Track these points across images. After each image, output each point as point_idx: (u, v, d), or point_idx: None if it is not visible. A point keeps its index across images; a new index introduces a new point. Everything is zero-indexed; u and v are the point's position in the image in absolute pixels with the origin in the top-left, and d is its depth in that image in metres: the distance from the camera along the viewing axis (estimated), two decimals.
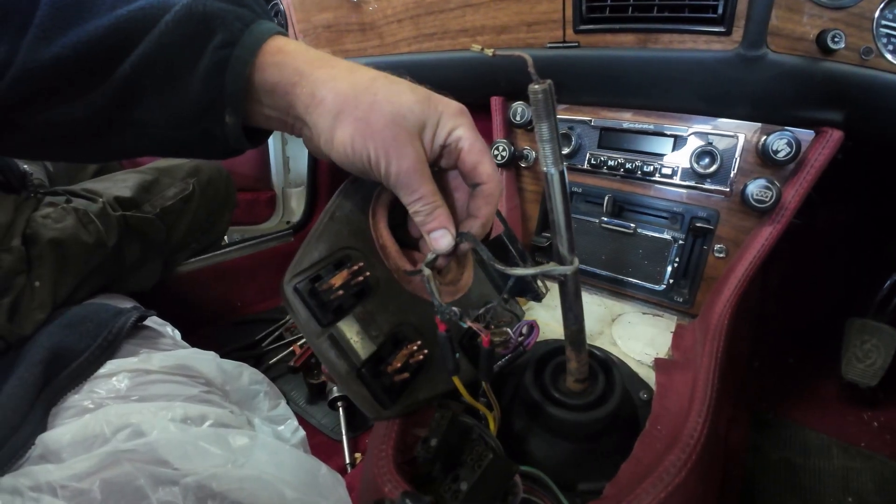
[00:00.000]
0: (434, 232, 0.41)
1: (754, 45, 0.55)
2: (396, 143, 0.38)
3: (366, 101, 0.37)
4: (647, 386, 0.58)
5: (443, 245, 0.41)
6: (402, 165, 0.38)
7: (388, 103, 0.37)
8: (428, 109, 0.39)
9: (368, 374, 0.43)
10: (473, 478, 0.38)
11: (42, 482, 0.49)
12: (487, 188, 0.41)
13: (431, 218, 0.41)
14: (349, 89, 0.37)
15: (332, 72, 0.38)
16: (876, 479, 0.85)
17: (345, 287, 0.43)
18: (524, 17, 0.71)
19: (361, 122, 0.37)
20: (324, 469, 0.55)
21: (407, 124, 0.38)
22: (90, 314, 0.67)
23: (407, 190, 0.39)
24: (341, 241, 0.46)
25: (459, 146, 0.40)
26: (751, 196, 0.62)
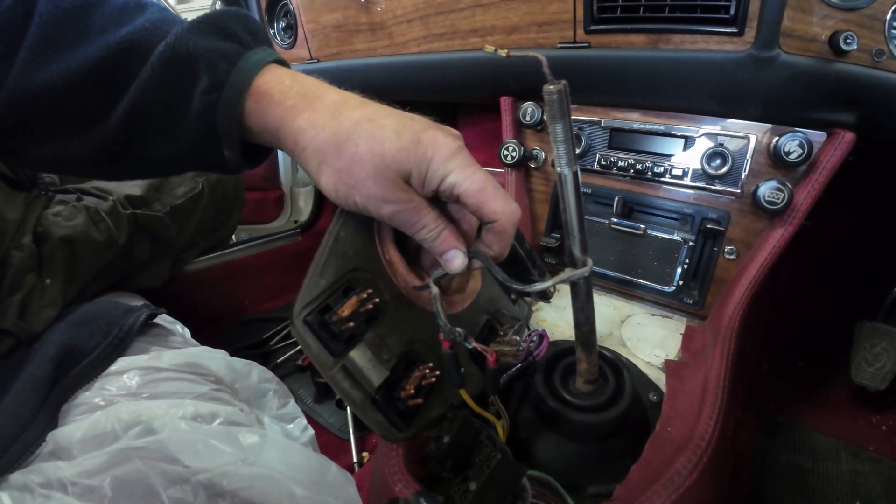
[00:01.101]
0: (445, 254, 0.41)
1: (767, 46, 0.55)
2: (383, 192, 0.37)
3: (347, 153, 0.36)
4: (657, 388, 0.57)
5: (455, 265, 0.41)
6: (395, 209, 0.38)
7: (370, 154, 0.36)
8: (414, 157, 0.36)
9: (382, 400, 0.42)
10: (482, 478, 0.38)
11: (52, 479, 0.49)
12: (499, 226, 0.39)
13: (439, 242, 0.40)
14: (330, 139, 0.36)
15: (313, 117, 0.37)
16: (884, 484, 0.85)
17: (354, 316, 0.42)
18: (535, 17, 0.71)
19: (344, 173, 0.37)
20: (334, 468, 0.55)
21: (391, 175, 0.37)
22: (101, 312, 0.67)
23: (406, 226, 0.39)
24: (348, 264, 0.44)
25: (455, 192, 0.38)
26: (762, 198, 0.62)
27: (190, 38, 0.35)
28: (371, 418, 0.42)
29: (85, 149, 0.35)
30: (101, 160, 0.37)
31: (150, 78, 0.34)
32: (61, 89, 0.33)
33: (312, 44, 1.05)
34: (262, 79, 0.37)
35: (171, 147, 0.37)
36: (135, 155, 0.37)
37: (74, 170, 0.39)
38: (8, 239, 0.70)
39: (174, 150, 0.37)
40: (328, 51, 1.03)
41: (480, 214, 0.39)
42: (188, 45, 0.35)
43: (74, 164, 0.38)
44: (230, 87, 0.35)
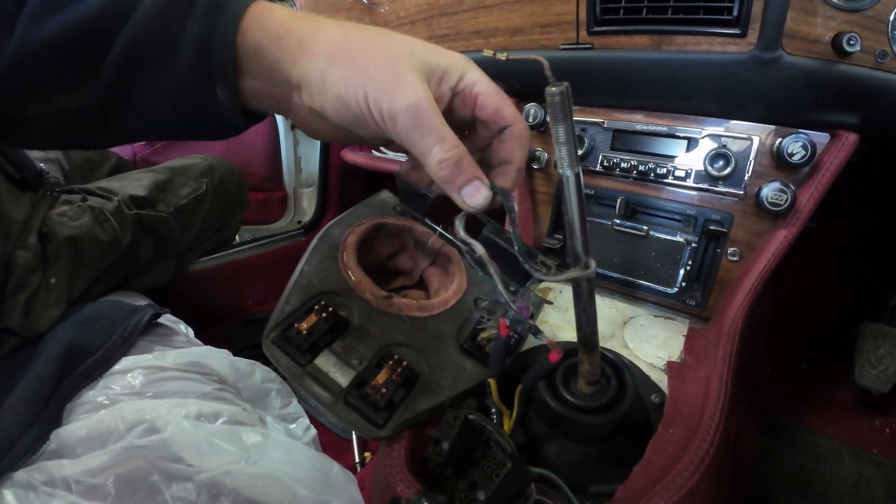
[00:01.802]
0: (467, 187, 0.35)
1: (769, 48, 0.55)
2: (397, 78, 0.33)
3: (359, 44, 0.34)
4: (659, 389, 0.57)
5: (479, 199, 0.35)
6: (407, 100, 0.33)
7: (385, 43, 0.34)
8: (432, 53, 0.35)
9: (353, 398, 0.46)
10: (491, 487, 0.38)
11: (56, 477, 0.50)
12: (517, 129, 0.37)
13: (459, 169, 0.34)
14: (340, 35, 0.34)
15: (319, 22, 0.35)
16: (887, 486, 0.84)
17: (315, 328, 0.47)
18: (537, 18, 0.71)
19: (355, 62, 0.33)
20: (336, 467, 0.55)
21: (408, 62, 0.34)
22: (105, 311, 0.68)
23: (419, 131, 0.33)
24: (312, 290, 0.51)
25: (475, 90, 0.36)
26: (766, 199, 0.62)
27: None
28: (345, 417, 0.45)
29: (83, 101, 0.33)
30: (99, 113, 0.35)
31: (148, 12, 0.32)
32: (62, 41, 0.32)
33: None
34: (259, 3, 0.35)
35: (164, 89, 0.34)
36: (131, 104, 0.34)
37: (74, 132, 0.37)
38: (13, 238, 0.70)
39: (167, 94, 0.34)
40: None
41: (500, 117, 0.37)
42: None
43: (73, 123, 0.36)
44: (226, 11, 0.33)
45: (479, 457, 0.42)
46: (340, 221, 0.62)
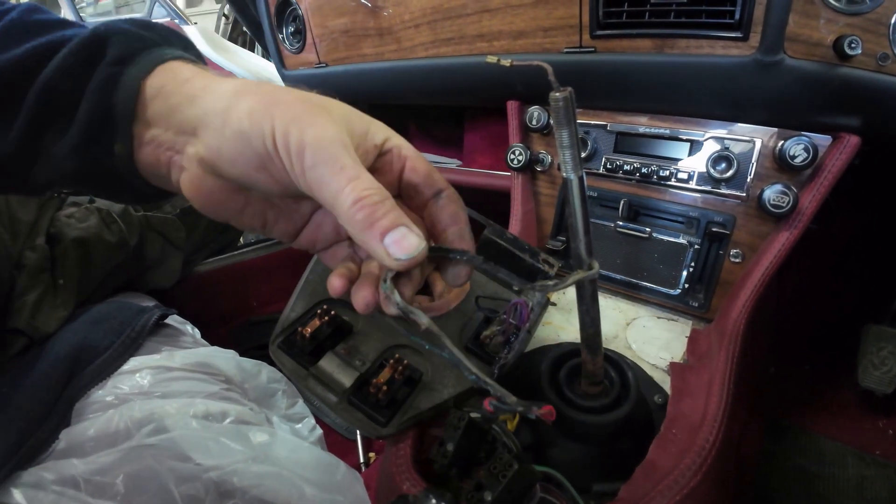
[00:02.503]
0: (391, 233, 0.28)
1: (771, 51, 0.55)
2: (311, 114, 0.29)
3: (272, 87, 0.31)
4: (662, 390, 0.58)
5: (408, 247, 0.28)
6: (319, 133, 0.28)
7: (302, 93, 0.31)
8: (355, 113, 0.32)
9: (357, 398, 0.47)
10: (498, 488, 0.39)
11: (66, 476, 0.50)
12: (452, 192, 0.34)
13: (380, 212, 0.28)
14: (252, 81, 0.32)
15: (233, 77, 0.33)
16: (890, 488, 0.84)
17: (318, 332, 0.49)
18: (541, 22, 0.71)
19: (265, 94, 0.30)
20: (342, 466, 0.55)
21: (325, 109, 0.30)
22: (113, 312, 0.69)
23: (329, 167, 0.28)
24: (316, 298, 0.53)
25: (403, 153, 0.33)
26: (768, 201, 0.62)
27: (115, 24, 0.33)
28: (349, 417, 0.47)
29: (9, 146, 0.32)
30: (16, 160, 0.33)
31: (64, 58, 0.31)
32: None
33: (320, 48, 1.07)
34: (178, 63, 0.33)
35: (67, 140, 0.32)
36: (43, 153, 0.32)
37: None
38: (22, 240, 0.71)
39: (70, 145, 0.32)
40: (336, 55, 1.04)
41: (433, 180, 0.34)
42: (109, 26, 0.32)
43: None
44: (138, 63, 0.31)
45: (483, 456, 0.42)
46: None
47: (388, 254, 0.28)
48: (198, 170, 0.32)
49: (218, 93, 0.30)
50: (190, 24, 1.66)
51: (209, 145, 0.30)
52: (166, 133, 0.32)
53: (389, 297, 0.29)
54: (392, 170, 0.33)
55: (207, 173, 0.32)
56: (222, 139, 0.30)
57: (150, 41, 0.33)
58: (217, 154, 0.30)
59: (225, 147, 0.30)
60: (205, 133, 0.30)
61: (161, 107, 0.31)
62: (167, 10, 1.73)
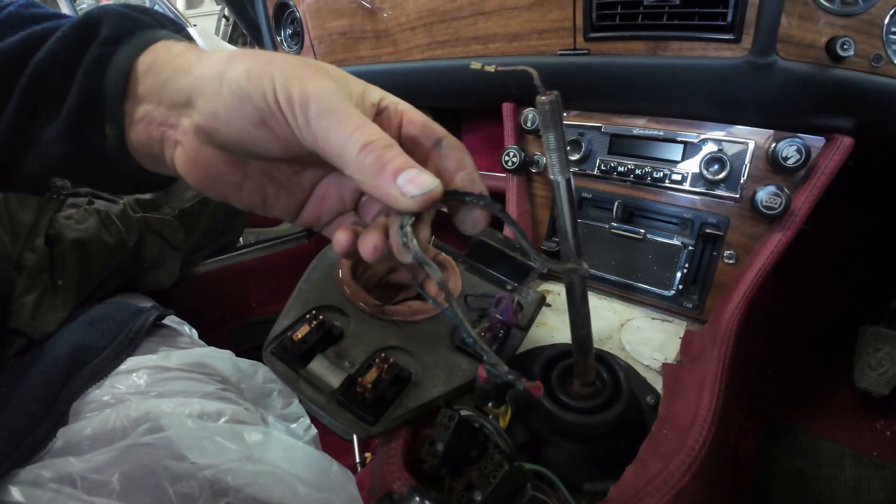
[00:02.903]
0: (403, 173, 0.27)
1: (764, 53, 0.55)
2: (310, 69, 0.29)
3: (266, 52, 0.31)
4: (655, 391, 0.58)
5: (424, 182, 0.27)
6: (322, 84, 0.28)
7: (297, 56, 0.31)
8: (349, 75, 0.31)
9: (344, 397, 0.48)
10: (488, 489, 0.39)
11: (63, 474, 0.51)
12: (453, 139, 0.33)
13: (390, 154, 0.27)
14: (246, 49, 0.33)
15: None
16: (888, 489, 0.84)
17: (308, 336, 0.51)
18: (535, 24, 0.72)
19: (262, 56, 0.29)
20: (335, 466, 0.56)
21: (326, 68, 0.30)
22: (111, 312, 0.69)
23: (335, 117, 0.27)
24: (309, 305, 0.55)
25: (399, 108, 0.33)
26: (760, 203, 0.62)
27: (109, 7, 0.32)
28: (338, 416, 0.47)
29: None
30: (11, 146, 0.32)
31: (56, 41, 0.30)
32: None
33: (319, 50, 1.07)
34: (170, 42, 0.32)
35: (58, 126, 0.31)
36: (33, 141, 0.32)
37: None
38: (21, 241, 0.72)
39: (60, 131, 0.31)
40: (334, 57, 1.05)
41: (431, 129, 0.33)
42: (103, 10, 0.32)
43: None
44: (129, 44, 0.31)
45: (475, 455, 0.42)
46: None
47: (402, 193, 0.27)
48: (193, 141, 0.31)
49: (212, 59, 0.30)
50: (189, 26, 1.67)
51: (204, 110, 0.29)
52: (158, 108, 0.31)
53: (407, 244, 0.28)
54: (391, 125, 0.33)
55: (203, 143, 0.31)
56: (219, 100, 0.29)
57: (143, 23, 0.32)
58: (213, 117, 0.29)
59: (222, 107, 0.29)
60: (199, 99, 0.29)
61: (153, 81, 0.30)
62: (167, 11, 1.74)
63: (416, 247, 0.28)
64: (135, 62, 0.30)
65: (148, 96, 0.31)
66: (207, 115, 0.29)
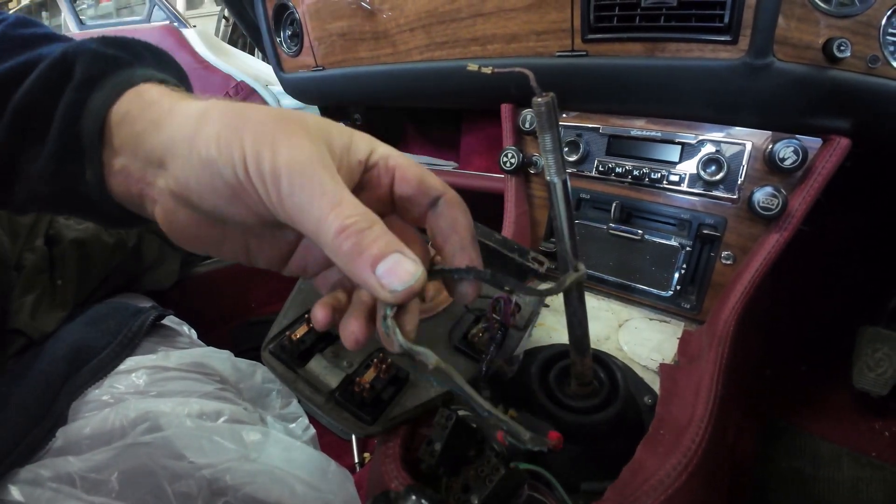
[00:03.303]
0: (383, 261, 0.25)
1: (760, 54, 0.56)
2: (284, 133, 0.26)
3: (242, 107, 0.28)
4: (652, 391, 0.58)
5: (404, 275, 0.25)
6: (294, 155, 0.25)
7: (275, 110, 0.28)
8: (334, 125, 0.29)
9: (342, 397, 0.48)
10: (485, 492, 0.39)
11: (62, 473, 0.51)
12: (451, 196, 0.31)
13: (369, 238, 0.25)
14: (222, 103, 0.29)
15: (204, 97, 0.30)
16: (886, 490, 0.84)
17: (306, 336, 0.51)
18: (533, 26, 0.72)
19: (233, 115, 0.27)
20: (333, 465, 0.56)
21: (301, 125, 0.27)
22: (111, 312, 0.69)
23: (308, 192, 0.25)
24: (308, 305, 0.55)
25: (391, 164, 0.30)
26: (757, 203, 0.63)
27: (85, 44, 0.31)
28: (336, 416, 0.48)
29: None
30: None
31: (35, 80, 0.30)
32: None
33: (318, 51, 1.07)
34: (146, 86, 0.30)
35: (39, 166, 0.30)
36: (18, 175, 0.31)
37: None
38: (21, 241, 0.72)
39: (41, 171, 0.30)
40: (333, 58, 1.05)
41: (427, 188, 0.30)
42: (78, 47, 0.31)
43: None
44: (103, 88, 0.29)
45: (473, 455, 0.42)
46: None
47: (381, 285, 0.25)
48: (169, 203, 0.29)
49: (183, 115, 0.28)
50: (189, 27, 1.67)
51: (177, 178, 0.28)
52: (135, 163, 0.30)
53: (391, 337, 0.26)
54: (381, 184, 0.31)
55: (180, 206, 0.29)
56: (190, 170, 0.27)
57: (119, 61, 0.31)
58: (186, 187, 0.28)
59: (193, 179, 0.27)
60: (172, 163, 0.28)
61: (127, 134, 0.29)
62: (166, 12, 1.74)
63: (402, 339, 0.26)
64: (109, 109, 0.29)
65: (123, 149, 0.30)
66: (181, 183, 0.28)
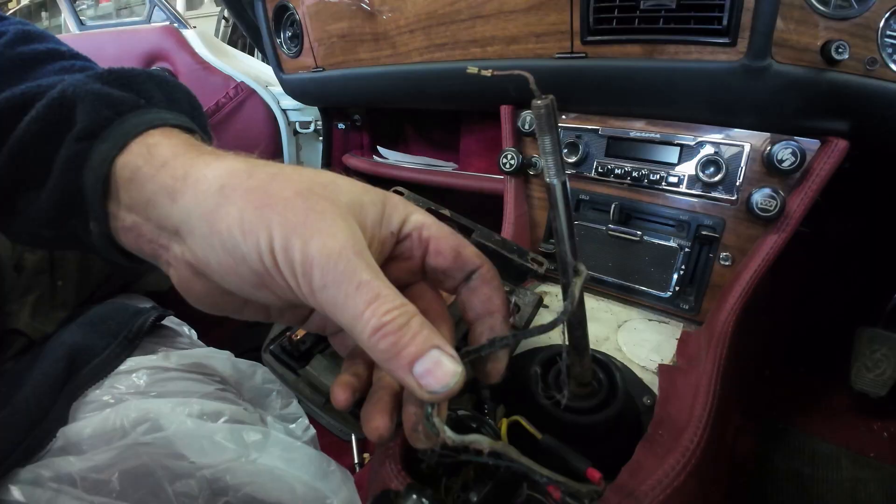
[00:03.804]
0: (420, 361, 0.23)
1: (759, 56, 0.56)
2: (314, 217, 0.24)
3: (265, 177, 0.26)
4: (651, 391, 0.58)
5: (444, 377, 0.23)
6: (328, 244, 0.24)
7: (299, 175, 0.26)
8: (365, 190, 0.28)
9: None
10: (484, 490, 0.39)
11: (63, 473, 0.51)
12: (486, 271, 0.31)
13: (407, 337, 0.23)
14: (242, 168, 0.27)
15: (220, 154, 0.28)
16: (885, 491, 0.85)
17: (307, 336, 0.51)
18: (533, 28, 0.72)
19: (257, 192, 0.25)
20: (333, 465, 0.56)
21: (329, 199, 0.26)
22: (111, 313, 0.69)
23: (343, 287, 0.23)
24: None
25: (425, 234, 0.29)
26: (755, 205, 0.63)
27: (87, 82, 0.30)
28: (337, 416, 0.48)
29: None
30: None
31: (31, 122, 0.29)
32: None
33: (318, 53, 1.08)
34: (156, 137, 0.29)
35: (39, 210, 0.29)
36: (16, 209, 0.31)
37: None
38: None
39: (39, 213, 0.30)
40: (333, 60, 1.05)
41: (463, 260, 0.30)
42: (77, 88, 0.29)
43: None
44: (105, 139, 0.28)
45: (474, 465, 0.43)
46: None
47: (420, 386, 0.23)
48: (186, 272, 0.28)
49: (200, 188, 0.26)
50: (189, 28, 1.67)
51: (197, 255, 0.27)
52: (147, 224, 0.28)
53: (441, 436, 0.24)
54: (413, 255, 0.30)
55: (198, 276, 0.28)
56: (210, 250, 0.26)
57: (124, 104, 0.30)
58: (206, 266, 0.27)
59: (214, 261, 0.26)
60: (190, 239, 0.26)
61: (137, 195, 0.28)
62: (166, 13, 1.74)
63: (452, 434, 0.24)
64: (114, 162, 0.28)
65: (134, 208, 0.28)
66: (201, 262, 0.27)
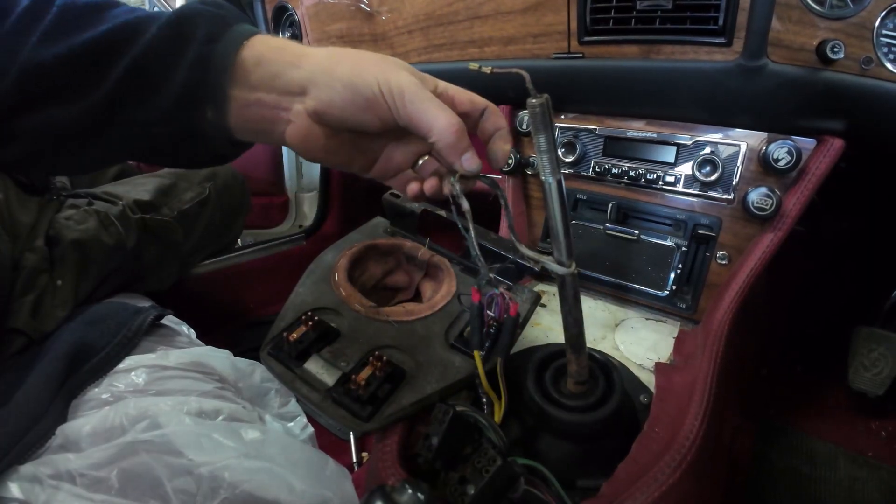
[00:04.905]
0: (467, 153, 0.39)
1: (754, 56, 0.56)
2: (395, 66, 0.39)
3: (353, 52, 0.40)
4: (648, 390, 0.59)
5: (475, 164, 0.40)
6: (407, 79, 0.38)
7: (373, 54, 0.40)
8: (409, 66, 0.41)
9: (339, 394, 0.49)
10: (481, 483, 0.40)
11: (62, 470, 0.51)
12: (492, 107, 0.43)
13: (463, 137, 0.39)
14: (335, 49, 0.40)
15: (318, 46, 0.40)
16: (882, 490, 0.85)
17: (304, 336, 0.53)
18: (530, 28, 0.73)
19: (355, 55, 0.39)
20: (331, 463, 0.56)
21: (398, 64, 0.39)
22: (110, 312, 0.70)
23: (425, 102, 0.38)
24: (305, 308, 0.57)
25: (450, 93, 0.42)
26: (751, 204, 0.63)
27: (195, 6, 0.39)
28: (333, 413, 0.48)
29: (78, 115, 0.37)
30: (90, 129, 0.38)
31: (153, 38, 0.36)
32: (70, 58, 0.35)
33: None
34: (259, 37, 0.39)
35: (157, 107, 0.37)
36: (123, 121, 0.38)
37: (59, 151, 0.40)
38: (21, 241, 0.72)
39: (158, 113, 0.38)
40: None
41: (476, 103, 0.43)
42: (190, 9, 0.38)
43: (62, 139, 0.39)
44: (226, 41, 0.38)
45: (470, 451, 0.43)
46: (334, 247, 0.68)
47: (462, 167, 0.39)
48: (305, 121, 0.39)
49: (317, 57, 0.39)
50: None
51: (319, 98, 0.38)
52: (270, 95, 0.39)
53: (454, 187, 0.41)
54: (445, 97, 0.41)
55: (315, 123, 0.40)
56: (333, 92, 0.38)
57: (228, 20, 0.39)
58: (328, 104, 0.38)
59: (337, 97, 0.38)
60: (314, 90, 0.38)
61: (264, 73, 0.38)
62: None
63: (458, 189, 0.41)
64: (235, 57, 0.38)
65: (261, 86, 0.39)
66: (323, 102, 0.38)
